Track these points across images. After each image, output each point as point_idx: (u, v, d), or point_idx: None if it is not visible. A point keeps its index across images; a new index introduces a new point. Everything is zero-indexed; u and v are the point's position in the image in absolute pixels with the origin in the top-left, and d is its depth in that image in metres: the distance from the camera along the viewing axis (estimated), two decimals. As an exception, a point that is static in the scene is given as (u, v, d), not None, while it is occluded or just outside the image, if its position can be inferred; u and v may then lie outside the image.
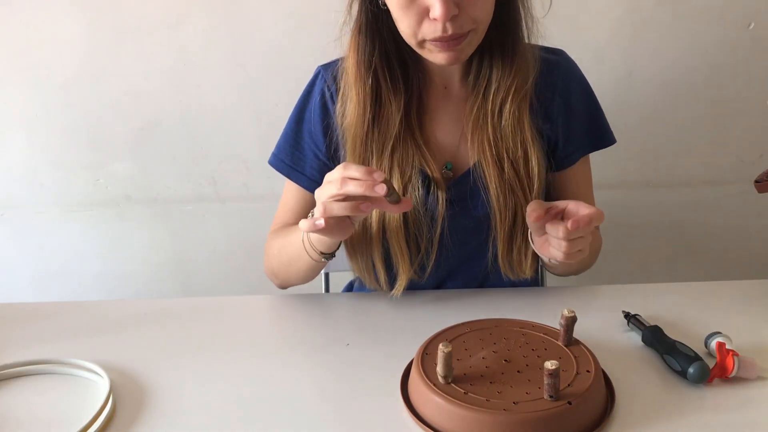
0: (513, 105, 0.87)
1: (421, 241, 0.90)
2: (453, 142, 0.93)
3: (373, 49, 0.86)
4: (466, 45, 0.80)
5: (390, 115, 0.88)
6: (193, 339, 0.85)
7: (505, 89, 0.87)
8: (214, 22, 1.34)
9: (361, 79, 0.87)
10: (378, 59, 0.86)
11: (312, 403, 0.71)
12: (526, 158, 0.88)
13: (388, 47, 0.87)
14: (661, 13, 1.32)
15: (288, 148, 0.98)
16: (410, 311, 0.90)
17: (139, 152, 1.45)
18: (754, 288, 0.93)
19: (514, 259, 0.91)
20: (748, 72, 1.36)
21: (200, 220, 1.52)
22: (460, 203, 0.91)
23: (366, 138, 0.88)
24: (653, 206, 1.49)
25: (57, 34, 1.35)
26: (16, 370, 0.78)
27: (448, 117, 0.93)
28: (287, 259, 0.93)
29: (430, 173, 0.89)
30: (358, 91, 0.87)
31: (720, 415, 0.66)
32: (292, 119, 0.98)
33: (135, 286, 1.59)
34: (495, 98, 0.88)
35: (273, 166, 1.00)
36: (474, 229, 0.92)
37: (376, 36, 0.86)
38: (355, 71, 0.87)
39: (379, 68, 0.87)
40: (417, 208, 0.88)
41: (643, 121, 1.40)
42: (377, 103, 0.88)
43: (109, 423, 0.68)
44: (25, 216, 1.52)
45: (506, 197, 0.88)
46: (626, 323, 0.83)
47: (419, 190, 0.88)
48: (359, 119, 0.88)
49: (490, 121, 0.88)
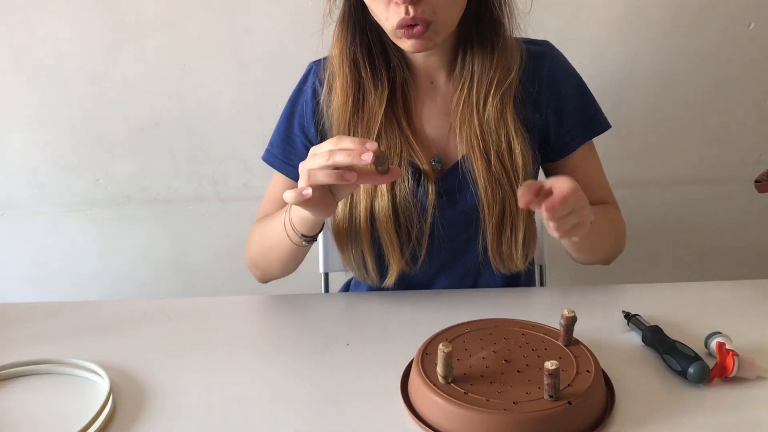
0: (495, 98, 0.88)
1: (411, 230, 0.90)
2: (441, 136, 0.93)
3: (354, 39, 0.89)
4: (432, 33, 0.81)
5: (372, 105, 0.89)
6: (193, 339, 0.85)
7: (487, 82, 0.88)
8: (214, 22, 1.34)
9: (343, 67, 0.89)
10: (359, 50, 0.89)
11: (312, 403, 0.71)
12: (510, 150, 0.89)
13: (371, 39, 0.90)
14: (661, 13, 1.32)
15: (279, 143, 0.99)
16: (410, 311, 0.90)
17: (139, 152, 1.45)
18: (754, 288, 0.92)
19: (504, 251, 0.91)
20: (748, 72, 1.36)
21: (200, 220, 1.52)
22: (449, 196, 0.91)
23: (349, 125, 0.90)
24: (653, 206, 1.49)
25: (57, 34, 1.35)
26: (16, 370, 0.78)
27: (435, 111, 0.94)
28: (268, 245, 0.94)
29: (419, 165, 0.90)
30: (343, 81, 0.89)
31: (720, 415, 0.66)
32: (283, 114, 1.00)
33: (135, 286, 1.59)
34: (478, 91, 0.89)
35: (266, 161, 1.01)
36: (463, 222, 0.92)
37: (357, 27, 0.89)
38: (339, 62, 0.90)
39: (360, 58, 0.89)
40: (407, 198, 0.89)
41: (643, 120, 1.40)
42: (360, 91, 0.90)
43: (109, 423, 0.68)
44: (25, 216, 1.52)
45: (494, 190, 0.89)
46: (626, 323, 0.83)
47: (409, 181, 0.89)
48: (343, 106, 0.90)
49: (476, 114, 0.89)
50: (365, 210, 0.89)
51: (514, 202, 0.88)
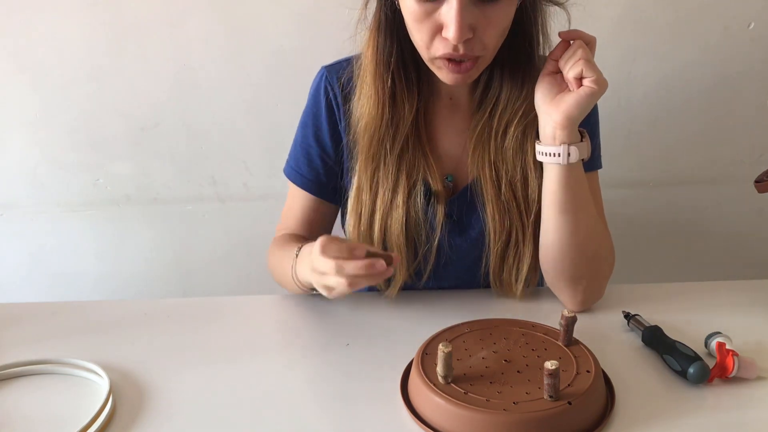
0: (518, 128, 0.87)
1: (420, 247, 0.90)
2: (456, 153, 0.93)
3: (392, 49, 0.85)
4: (474, 70, 0.80)
5: (402, 117, 0.88)
6: (193, 339, 0.85)
7: (512, 111, 0.87)
8: (214, 22, 1.34)
9: (381, 78, 0.86)
10: (395, 60, 0.86)
11: (312, 403, 0.71)
12: (525, 183, 0.88)
13: (404, 49, 0.86)
14: (661, 13, 1.32)
15: (297, 156, 0.98)
16: (410, 311, 0.90)
17: (139, 152, 1.45)
18: (754, 288, 0.93)
19: (504, 280, 0.91)
20: (748, 72, 1.36)
21: (200, 220, 1.52)
22: (458, 218, 0.91)
23: (382, 137, 0.88)
24: (653, 206, 1.49)
25: (57, 33, 1.35)
26: (16, 370, 0.78)
27: (453, 128, 0.93)
28: (281, 275, 0.94)
29: (432, 184, 0.89)
30: (378, 89, 0.86)
31: (720, 415, 0.66)
32: (300, 126, 0.99)
33: (135, 286, 1.59)
34: (501, 119, 0.87)
35: (287, 175, 1.00)
36: (470, 245, 0.92)
37: (394, 37, 0.85)
38: (374, 69, 0.86)
39: (395, 69, 0.86)
40: (419, 215, 0.88)
41: (643, 120, 1.40)
42: (393, 102, 0.87)
43: (109, 423, 0.68)
44: (25, 216, 1.52)
45: (501, 218, 0.88)
46: (626, 323, 0.83)
47: (421, 197, 0.88)
48: (377, 117, 0.87)
49: (493, 141, 0.88)
50: (380, 223, 0.89)
51: (522, 232, 0.88)
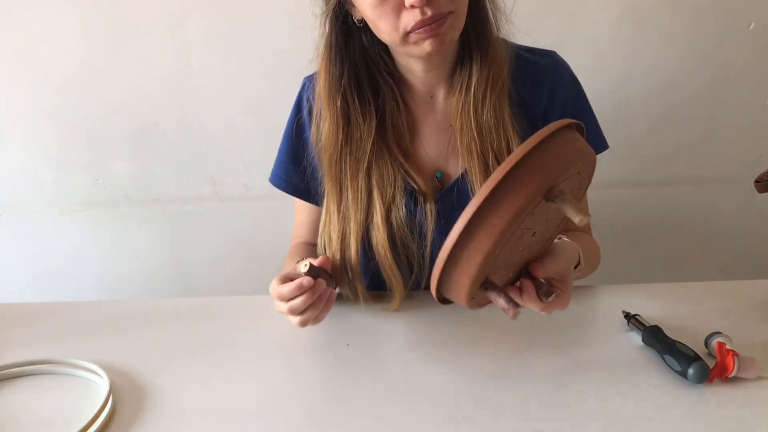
0: (493, 96, 0.88)
1: (413, 260, 0.90)
2: (441, 152, 0.93)
3: (342, 73, 0.87)
4: (448, 28, 0.80)
5: (361, 137, 0.89)
6: (193, 339, 0.85)
7: (484, 81, 0.88)
8: (214, 22, 1.34)
9: (333, 101, 0.88)
10: (347, 82, 0.87)
11: (312, 403, 0.71)
12: (509, 150, 0.88)
13: (359, 69, 0.88)
14: (661, 13, 1.32)
15: (282, 164, 1.00)
16: (410, 311, 0.90)
17: (139, 152, 1.45)
18: (754, 288, 0.93)
19: None
20: (748, 72, 1.36)
21: (200, 220, 1.52)
22: (449, 216, 0.91)
23: (340, 158, 0.89)
24: (653, 206, 1.49)
25: (56, 34, 1.35)
26: (16, 370, 0.78)
27: (435, 127, 0.93)
28: None
29: (416, 186, 0.89)
30: (331, 112, 0.88)
31: (720, 415, 0.66)
32: (285, 135, 0.99)
33: (135, 286, 1.59)
34: (476, 91, 0.88)
35: (273, 183, 1.02)
36: None
37: (345, 58, 0.87)
38: (327, 93, 0.88)
39: (348, 91, 0.88)
40: (402, 228, 0.88)
41: (643, 120, 1.40)
42: (348, 124, 0.89)
43: (109, 423, 0.68)
44: (25, 216, 1.52)
45: None
46: (626, 323, 0.83)
47: (403, 209, 0.88)
48: (333, 139, 0.88)
49: (474, 115, 0.89)
50: (355, 246, 0.88)
51: None
